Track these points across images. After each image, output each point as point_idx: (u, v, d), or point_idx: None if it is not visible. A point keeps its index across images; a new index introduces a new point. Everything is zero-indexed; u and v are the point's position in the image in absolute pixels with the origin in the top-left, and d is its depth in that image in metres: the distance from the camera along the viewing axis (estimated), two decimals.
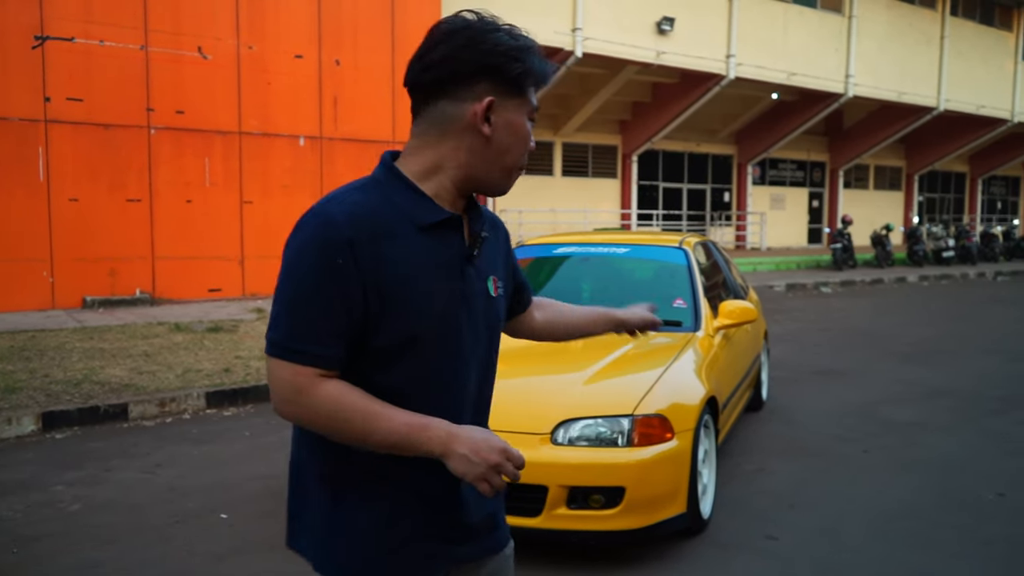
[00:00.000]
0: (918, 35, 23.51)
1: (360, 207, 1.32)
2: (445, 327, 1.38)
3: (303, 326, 1.29)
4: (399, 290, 1.31)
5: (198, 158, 11.76)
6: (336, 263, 1.27)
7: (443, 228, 1.38)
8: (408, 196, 1.37)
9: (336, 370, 1.32)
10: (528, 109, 1.42)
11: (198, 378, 6.48)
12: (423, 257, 1.35)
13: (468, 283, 1.42)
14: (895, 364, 8.18)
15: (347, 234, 1.28)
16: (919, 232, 22.12)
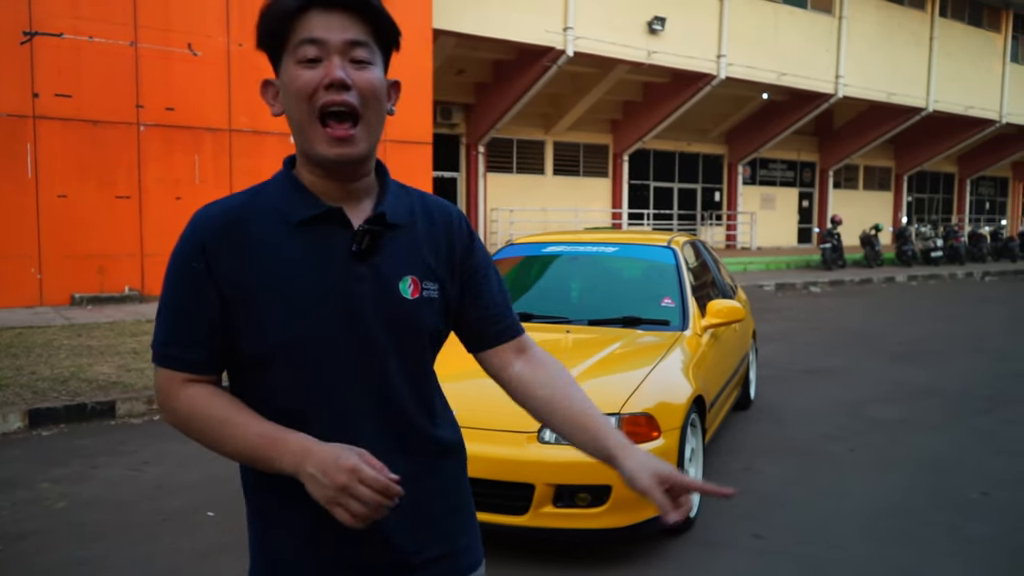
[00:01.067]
0: (907, 36, 23.62)
1: (224, 210, 1.29)
2: (319, 332, 1.25)
3: (169, 331, 1.27)
4: (260, 294, 1.24)
5: (188, 155, 11.72)
6: (191, 267, 1.25)
7: (320, 223, 1.27)
8: (287, 193, 1.29)
9: (204, 375, 1.27)
10: (292, 56, 1.23)
11: None
12: (293, 257, 1.25)
13: (356, 283, 1.26)
14: (884, 363, 8.23)
15: (202, 238, 1.25)
16: (908, 232, 22.23)
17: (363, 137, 1.25)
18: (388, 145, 13.29)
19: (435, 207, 1.42)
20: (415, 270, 1.33)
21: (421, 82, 13.51)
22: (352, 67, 1.24)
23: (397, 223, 1.33)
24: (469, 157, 19.49)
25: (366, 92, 1.24)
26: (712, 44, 19.18)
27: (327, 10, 1.23)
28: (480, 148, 19.28)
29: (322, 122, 1.23)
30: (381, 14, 1.26)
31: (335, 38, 1.22)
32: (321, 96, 1.22)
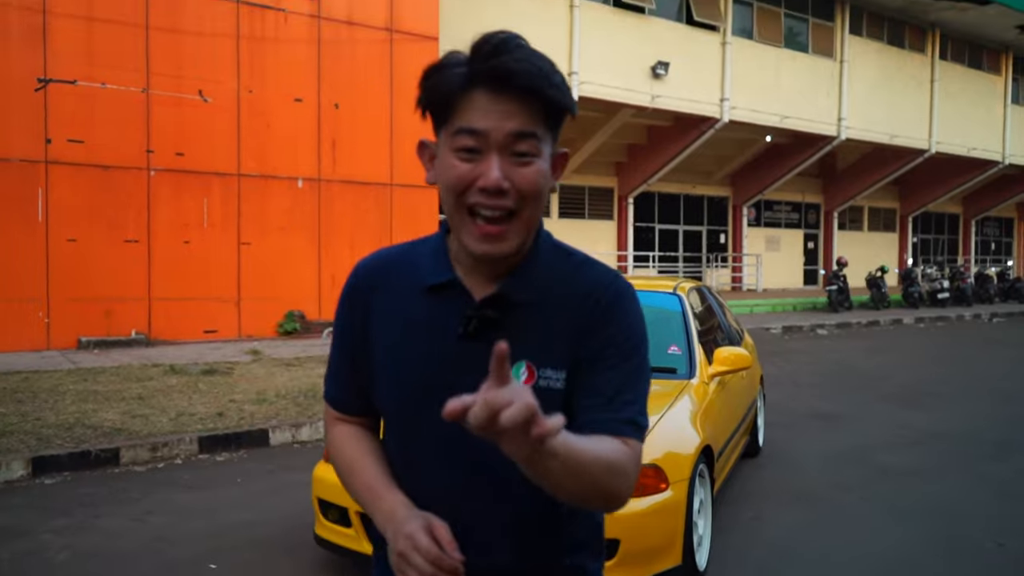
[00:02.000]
0: (908, 79, 23.86)
1: (376, 260, 1.32)
2: (418, 406, 1.20)
3: (329, 368, 1.37)
4: (379, 350, 1.25)
5: (196, 199, 11.83)
6: (342, 312, 1.32)
7: (446, 292, 1.22)
8: (432, 253, 1.26)
9: (352, 415, 1.34)
10: (450, 137, 1.15)
11: (191, 422, 6.44)
12: (415, 322, 1.22)
13: (462, 361, 1.18)
14: (892, 407, 8.16)
15: (354, 285, 1.31)
16: (914, 274, 22.21)
17: (516, 233, 1.16)
18: (395, 190, 13.42)
19: (588, 279, 1.25)
20: (534, 354, 1.19)
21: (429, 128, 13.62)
22: (513, 161, 1.13)
23: (522, 301, 1.21)
24: None
25: (525, 191, 1.14)
26: (715, 88, 19.40)
27: (494, 94, 1.12)
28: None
29: (471, 215, 1.15)
30: (553, 100, 1.13)
31: (497, 131, 1.12)
32: (472, 196, 1.14)
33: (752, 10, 20.49)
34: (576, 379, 1.21)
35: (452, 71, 1.14)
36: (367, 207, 13.23)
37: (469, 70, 1.13)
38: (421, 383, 1.22)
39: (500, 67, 1.10)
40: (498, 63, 1.11)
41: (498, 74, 1.10)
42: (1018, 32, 24.82)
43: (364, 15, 13.02)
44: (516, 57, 1.11)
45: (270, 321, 12.47)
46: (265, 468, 5.70)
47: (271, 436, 6.34)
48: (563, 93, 1.14)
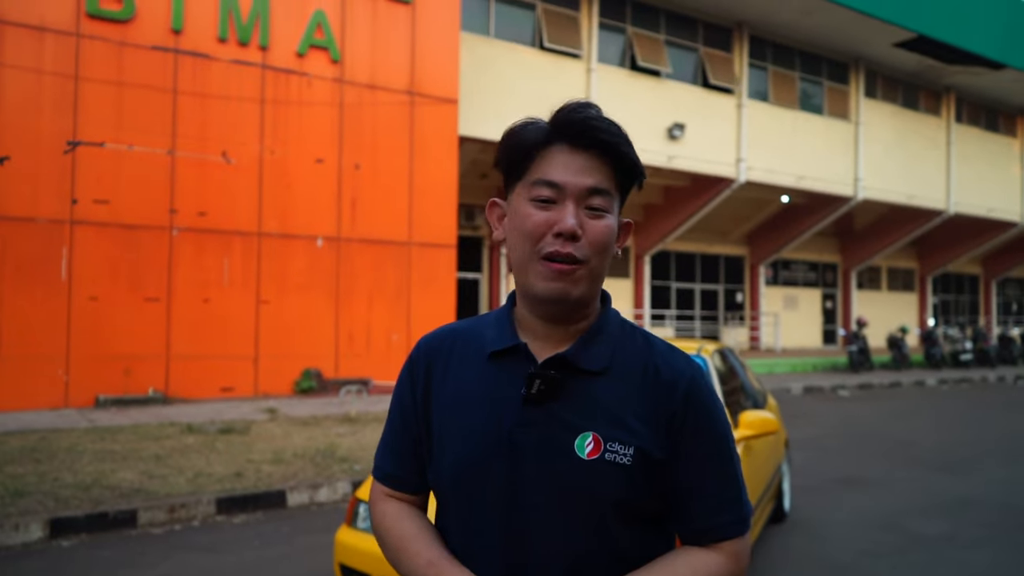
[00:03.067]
0: (924, 141, 23.99)
1: (440, 333, 1.33)
2: (474, 475, 1.19)
3: (381, 443, 1.35)
4: (440, 420, 1.24)
5: (217, 258, 11.96)
6: (401, 385, 1.32)
7: (509, 357, 1.22)
8: (496, 325, 1.27)
9: (403, 492, 1.31)
10: (527, 188, 1.20)
11: (208, 483, 6.38)
12: (478, 389, 1.22)
13: (522, 429, 1.17)
14: (919, 472, 7.97)
15: (415, 357, 1.31)
16: (936, 334, 21.96)
17: (582, 280, 1.19)
18: (414, 248, 13.52)
19: (664, 362, 1.24)
20: (601, 426, 1.17)
21: (447, 187, 13.83)
22: (587, 214, 1.18)
23: (589, 369, 1.20)
24: (492, 259, 19.73)
25: (595, 243, 1.18)
26: (731, 149, 19.58)
27: (573, 149, 1.18)
28: (502, 250, 19.53)
29: (544, 260, 1.18)
30: (628, 160, 1.21)
31: (574, 184, 1.17)
32: (548, 243, 1.17)
33: (767, 74, 20.80)
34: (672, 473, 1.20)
35: (534, 127, 1.21)
36: (385, 265, 13.32)
37: (552, 125, 1.20)
38: (483, 444, 1.20)
39: (582, 121, 1.18)
40: (580, 117, 1.19)
41: (580, 127, 1.18)
42: None
43: (386, 79, 13.32)
44: (597, 115, 1.20)
45: (287, 379, 12.46)
46: (283, 531, 5.62)
47: (288, 497, 6.27)
48: (635, 155, 1.23)
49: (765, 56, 20.76)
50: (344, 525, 3.81)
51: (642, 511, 1.19)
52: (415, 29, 13.58)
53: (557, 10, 17.03)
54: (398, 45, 13.46)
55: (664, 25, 18.86)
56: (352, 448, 7.88)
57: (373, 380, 12.90)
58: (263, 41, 12.26)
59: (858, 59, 22.17)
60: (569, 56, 17.15)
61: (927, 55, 21.66)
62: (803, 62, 21.52)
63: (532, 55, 16.64)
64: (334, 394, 12.29)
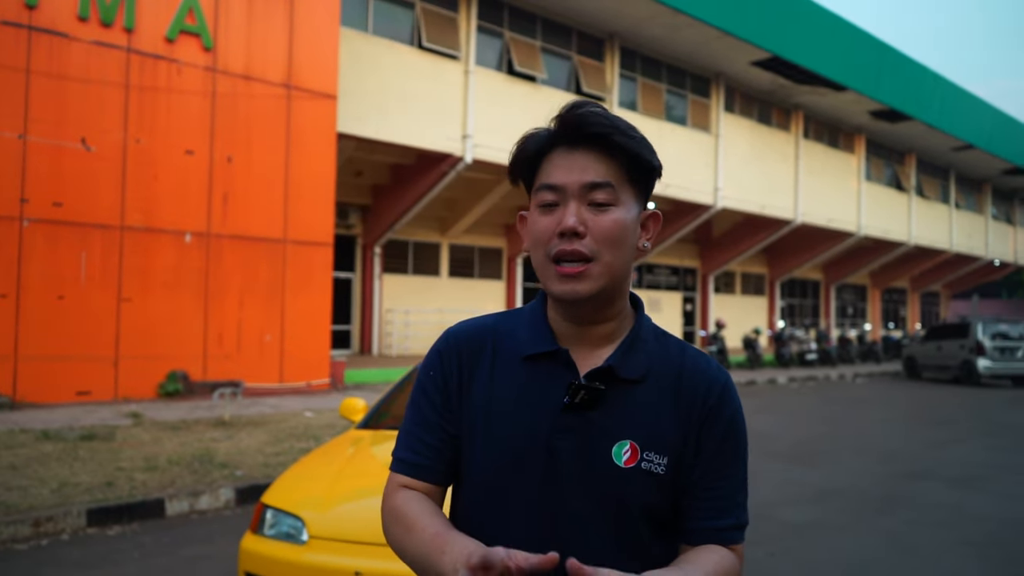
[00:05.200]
0: (776, 154, 25.65)
1: (471, 328, 1.31)
2: (509, 475, 1.19)
3: (402, 434, 1.30)
4: (473, 417, 1.24)
5: (74, 252, 11.15)
6: (436, 375, 1.28)
7: (547, 361, 1.23)
8: (530, 325, 1.28)
9: (423, 482, 1.25)
10: (536, 200, 1.23)
11: (76, 493, 5.95)
12: (513, 392, 1.22)
13: (561, 435, 1.19)
14: (781, 465, 8.53)
15: (447, 349, 1.28)
16: (785, 336, 23.50)
17: (594, 277, 1.19)
18: (289, 246, 13.12)
19: (693, 368, 1.27)
20: (638, 435, 1.20)
21: (324, 184, 13.50)
22: (590, 211, 1.19)
23: (630, 378, 1.22)
24: (365, 258, 19.44)
25: (602, 237, 1.19)
26: None
27: (570, 149, 1.20)
28: (376, 249, 19.28)
29: (555, 262, 1.20)
30: (627, 150, 1.20)
31: (572, 183, 1.19)
32: (555, 244, 1.20)
33: (637, 84, 21.59)
34: (687, 472, 1.23)
35: (535, 136, 1.25)
36: (259, 263, 12.84)
37: (549, 131, 1.23)
38: (518, 449, 1.20)
39: (575, 118, 1.19)
40: (575, 115, 1.20)
41: (574, 124, 1.19)
42: (870, 117, 27.24)
43: (262, 70, 12.85)
44: (591, 111, 1.20)
45: (151, 382, 11.78)
46: (164, 541, 5.32)
47: (168, 506, 5.95)
48: (637, 143, 1.21)
49: (635, 67, 21.54)
50: (249, 532, 3.67)
51: (669, 515, 1.23)
52: (293, 20, 13.18)
53: (436, 10, 17.00)
54: (275, 36, 13.02)
55: (540, 32, 19.21)
56: (231, 453, 7.56)
57: (245, 382, 12.41)
58: (128, 23, 11.54)
59: (719, 75, 23.40)
60: (448, 57, 17.15)
61: (780, 74, 23.16)
62: (670, 75, 22.50)
63: (411, 54, 16.52)
64: (203, 397, 11.73)
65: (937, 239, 33.03)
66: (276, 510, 3.61)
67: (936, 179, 33.94)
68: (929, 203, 32.92)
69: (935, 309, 42.73)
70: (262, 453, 7.64)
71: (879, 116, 27.15)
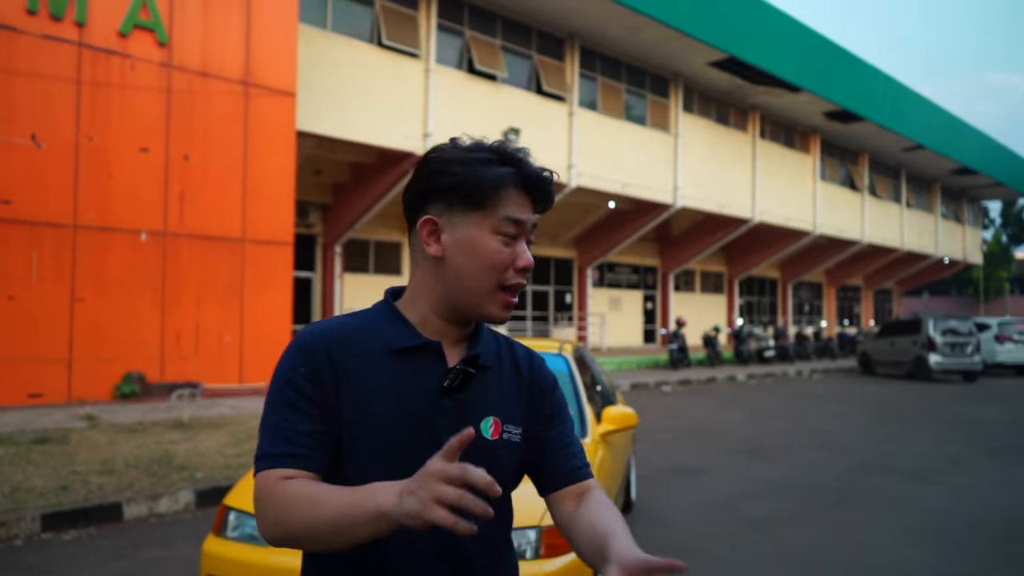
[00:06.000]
0: (734, 154, 26.01)
1: (329, 329, 1.36)
2: (396, 458, 1.28)
3: (270, 442, 1.28)
4: (350, 412, 1.29)
5: (25, 251, 10.87)
6: (299, 375, 1.30)
7: (417, 354, 1.35)
8: (389, 324, 1.38)
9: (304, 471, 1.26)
10: (492, 223, 1.32)
11: (30, 497, 5.81)
12: (385, 383, 1.31)
13: (440, 416, 1.32)
14: (742, 460, 8.66)
15: (312, 346, 1.33)
16: (744, 333, 23.85)
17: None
18: (248, 245, 12.95)
19: (520, 353, 1.50)
20: (498, 412, 1.39)
21: (284, 183, 13.35)
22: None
23: (487, 365, 1.40)
24: (325, 257, 19.26)
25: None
26: (563, 154, 20.28)
27: (523, 191, 1.37)
28: (337, 248, 19.11)
29: (502, 290, 1.35)
30: (548, 206, 1.42)
31: (529, 222, 1.37)
32: (512, 277, 1.35)
33: (596, 84, 21.72)
34: (539, 434, 1.45)
35: (496, 169, 1.34)
36: (217, 263, 12.65)
37: (519, 174, 1.36)
38: (402, 431, 1.31)
39: (543, 181, 1.38)
40: (542, 178, 1.38)
41: (543, 184, 1.39)
42: (824, 118, 27.76)
43: (219, 67, 12.66)
44: (546, 172, 1.40)
45: (106, 384, 11.54)
46: (121, 545, 5.22)
47: (125, 510, 5.84)
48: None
49: (595, 67, 21.67)
50: (211, 535, 3.62)
51: (518, 479, 1.46)
52: (250, 16, 13.00)
53: (396, 8, 16.90)
54: (232, 32, 12.83)
55: (500, 30, 19.22)
56: (190, 455, 7.44)
57: (204, 383, 12.22)
58: (80, 17, 11.28)
59: (677, 75, 23.65)
60: (408, 55, 17.07)
61: (736, 75, 23.49)
62: (629, 75, 22.67)
63: (371, 52, 16.42)
64: (160, 399, 11.53)
65: (889, 237, 33.79)
66: (239, 512, 3.57)
67: (888, 179, 34.73)
68: (881, 202, 33.67)
69: (888, 306, 43.73)
70: (222, 455, 7.54)
71: (833, 117, 27.68)
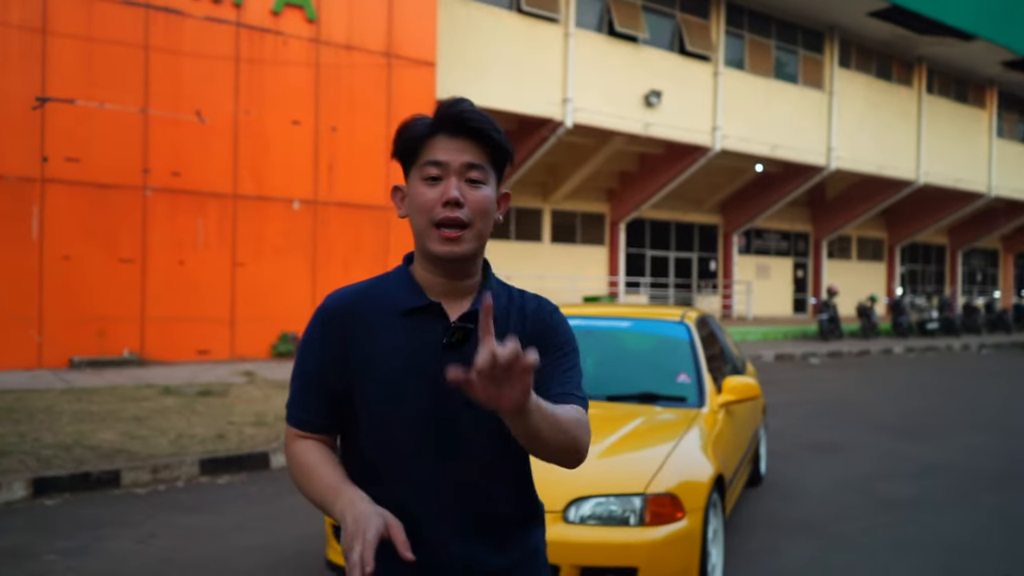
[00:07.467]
0: (896, 111, 24.23)
1: (343, 295, 1.52)
2: (407, 411, 1.44)
3: (293, 393, 1.53)
4: (361, 369, 1.45)
5: (192, 219, 11.81)
6: (315, 340, 1.49)
7: (422, 314, 1.48)
8: (400, 287, 1.51)
9: (315, 434, 1.50)
10: (418, 171, 1.46)
11: (191, 444, 6.39)
12: (396, 342, 1.46)
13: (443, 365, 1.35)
14: (888, 438, 8.20)
15: (324, 317, 1.50)
16: (903, 304, 22.38)
17: (470, 239, 1.46)
18: (392, 213, 13.42)
19: (529, 302, 1.59)
20: None
21: None
22: (467, 186, 1.46)
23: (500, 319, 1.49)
24: None
25: (476, 208, 1.46)
26: (707, 117, 19.62)
27: (451, 136, 1.45)
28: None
29: (436, 227, 1.45)
30: (495, 141, 1.48)
31: (454, 161, 1.45)
32: (439, 212, 1.44)
33: (744, 42, 20.80)
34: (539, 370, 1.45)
35: (421, 122, 1.48)
36: (363, 230, 13.24)
37: (433, 119, 1.47)
38: (408, 385, 1.44)
39: (457, 115, 1.45)
40: (456, 111, 1.45)
41: (456, 118, 1.45)
42: (1002, 68, 25.29)
43: (362, 40, 13.12)
44: (469, 109, 1.46)
45: (264, 342, 12.41)
46: (267, 492, 5.65)
47: (272, 459, 6.30)
48: (503, 139, 1.49)
49: (742, 24, 20.74)
50: None
51: None
52: None
53: None
54: (375, 5, 13.24)
55: None
56: None
57: None
58: None
59: (833, 28, 22.24)
60: (547, 20, 17.00)
61: (900, 25, 21.80)
62: (779, 30, 21.55)
63: (510, 18, 16.47)
64: None
65: None
66: None
67: None
68: None
69: None
70: None
71: (1012, 66, 25.13)
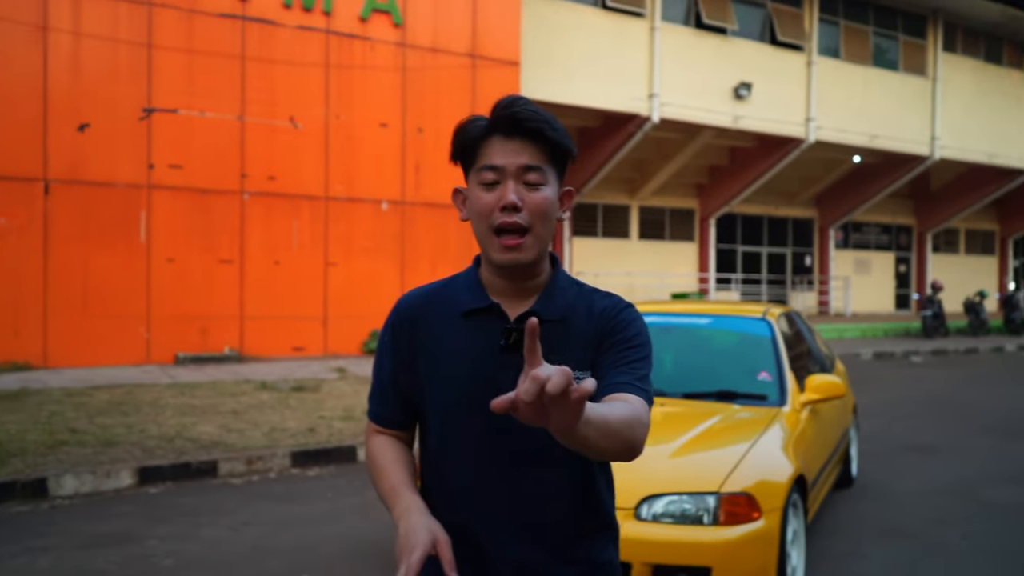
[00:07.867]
0: (1007, 97, 22.90)
1: (412, 297, 1.57)
2: (463, 411, 1.45)
3: (371, 389, 1.60)
4: (425, 370, 1.50)
5: (287, 221, 12.26)
6: (384, 342, 1.56)
7: (483, 315, 1.49)
8: (467, 287, 1.53)
9: (390, 430, 1.56)
10: (476, 176, 1.45)
11: (283, 437, 6.65)
12: (459, 343, 1.48)
13: (504, 371, 1.40)
14: (993, 440, 7.78)
15: (395, 319, 1.55)
16: (1016, 299, 21.13)
17: (531, 245, 1.44)
18: None
19: (600, 300, 1.54)
20: (563, 361, 1.34)
21: None
22: (525, 189, 1.43)
23: (551, 319, 1.46)
24: None
25: (535, 211, 1.43)
26: (800, 108, 19.03)
27: (507, 137, 1.43)
28: (566, 213, 19.46)
29: (497, 234, 1.43)
30: (552, 140, 1.44)
31: (511, 164, 1.42)
32: (497, 217, 1.43)
33: (839, 29, 20.07)
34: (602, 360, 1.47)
35: (476, 124, 1.46)
36: (448, 229, 13.45)
37: (488, 122, 1.45)
38: (468, 387, 1.45)
39: (510, 115, 1.42)
40: (509, 113, 1.42)
41: (509, 120, 1.42)
42: None
43: (447, 42, 13.33)
44: (524, 107, 1.42)
45: (355, 340, 12.78)
46: (354, 484, 5.83)
47: (359, 453, 6.49)
48: (562, 136, 1.45)
49: (836, 10, 20.02)
50: None
51: None
52: None
53: None
54: (459, 7, 13.42)
55: None
56: None
57: None
58: (327, 6, 12.37)
59: (936, 11, 21.20)
60: (632, 15, 16.84)
61: (1012, 4, 20.56)
62: (877, 16, 20.69)
63: (594, 14, 16.39)
64: None
65: None
66: None
67: None
68: None
69: None
70: None
71: None
